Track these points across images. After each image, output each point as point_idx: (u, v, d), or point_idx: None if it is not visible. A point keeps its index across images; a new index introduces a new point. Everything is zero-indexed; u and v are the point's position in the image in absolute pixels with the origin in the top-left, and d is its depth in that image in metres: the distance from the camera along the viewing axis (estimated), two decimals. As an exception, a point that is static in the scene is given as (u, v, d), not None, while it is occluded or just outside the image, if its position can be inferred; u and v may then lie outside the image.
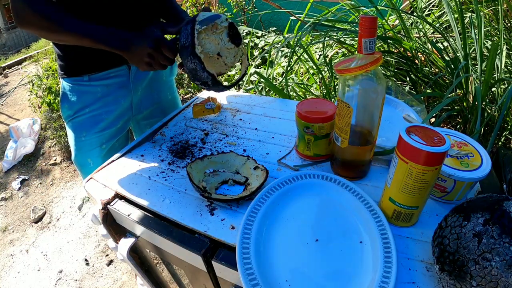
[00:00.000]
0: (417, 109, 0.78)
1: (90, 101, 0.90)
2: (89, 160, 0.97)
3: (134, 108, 1.00)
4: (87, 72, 0.87)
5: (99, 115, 0.92)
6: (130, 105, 0.99)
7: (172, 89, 1.12)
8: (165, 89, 1.08)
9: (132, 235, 0.71)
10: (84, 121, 0.92)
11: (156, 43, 0.69)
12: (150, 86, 1.02)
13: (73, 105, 0.90)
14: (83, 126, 0.92)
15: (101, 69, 0.88)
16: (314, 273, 0.49)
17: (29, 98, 3.36)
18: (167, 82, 1.08)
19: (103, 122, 0.93)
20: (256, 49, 3.08)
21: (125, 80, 0.93)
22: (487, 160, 0.56)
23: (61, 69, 0.88)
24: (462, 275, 0.39)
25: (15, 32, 9.23)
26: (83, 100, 0.90)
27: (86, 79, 0.87)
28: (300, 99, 1.44)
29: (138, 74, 0.96)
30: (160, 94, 1.06)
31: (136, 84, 0.96)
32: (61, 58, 0.87)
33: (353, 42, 1.53)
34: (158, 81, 1.04)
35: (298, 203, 0.60)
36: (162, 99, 1.07)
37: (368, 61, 0.51)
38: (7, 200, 2.54)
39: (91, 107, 0.91)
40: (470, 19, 1.16)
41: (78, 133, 0.93)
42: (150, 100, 1.03)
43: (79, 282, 1.76)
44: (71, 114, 0.91)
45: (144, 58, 0.71)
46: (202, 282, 0.65)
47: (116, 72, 0.90)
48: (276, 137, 0.82)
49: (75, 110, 0.90)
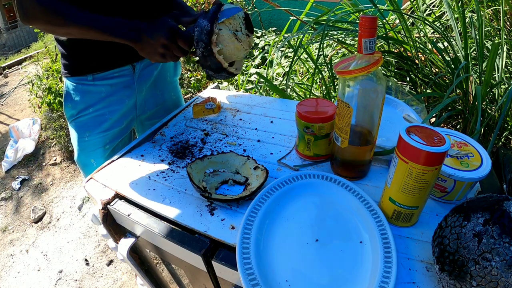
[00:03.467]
0: (417, 109, 0.78)
1: (94, 101, 0.90)
2: (92, 161, 0.96)
3: (138, 108, 1.00)
4: (91, 71, 0.86)
5: (103, 115, 0.92)
6: (134, 105, 0.98)
7: (176, 90, 1.12)
8: (170, 90, 1.07)
9: (132, 235, 0.71)
10: (88, 121, 0.91)
11: (172, 33, 0.67)
12: (155, 86, 1.02)
13: (77, 105, 0.89)
14: (86, 126, 0.92)
15: (105, 69, 0.87)
16: (314, 273, 0.49)
17: (29, 98, 3.36)
18: (172, 83, 1.08)
19: (106, 122, 0.93)
20: (256, 49, 3.08)
21: (129, 80, 0.93)
22: (487, 160, 0.56)
23: (65, 68, 0.87)
24: (462, 275, 0.39)
25: (15, 32, 9.23)
26: (87, 99, 0.89)
27: (90, 79, 0.87)
28: (300, 99, 1.44)
29: (143, 74, 0.95)
30: (165, 94, 1.06)
31: (140, 84, 0.96)
32: (65, 57, 0.86)
33: (353, 42, 1.53)
34: (162, 81, 1.03)
35: (298, 203, 0.60)
36: (166, 100, 1.07)
37: (369, 62, 0.51)
38: (7, 200, 2.54)
39: (95, 107, 0.90)
40: (471, 19, 1.16)
41: (81, 133, 0.93)
42: (154, 101, 1.03)
43: (79, 282, 1.76)
44: (75, 114, 0.91)
45: (159, 49, 0.69)
46: (202, 282, 0.65)
47: (120, 71, 0.90)
48: (276, 137, 0.82)
49: (79, 110, 0.90)
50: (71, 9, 0.69)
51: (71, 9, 0.69)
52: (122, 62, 0.88)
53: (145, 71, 0.95)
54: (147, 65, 0.96)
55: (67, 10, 0.68)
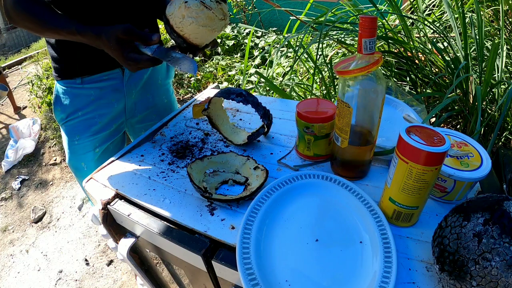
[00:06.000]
0: (417, 109, 0.78)
1: (82, 104, 0.89)
2: (83, 164, 0.96)
3: (128, 112, 0.99)
4: (80, 74, 0.86)
5: (92, 119, 0.92)
6: (124, 109, 0.98)
7: (168, 93, 1.10)
8: (161, 93, 1.06)
9: (132, 235, 0.71)
10: (77, 124, 0.91)
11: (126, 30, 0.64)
12: (145, 90, 1.01)
13: (66, 108, 0.89)
14: (76, 129, 0.92)
15: (94, 72, 0.87)
16: (314, 273, 0.49)
17: (29, 98, 3.36)
18: (163, 86, 1.07)
19: (96, 126, 0.93)
20: (256, 49, 3.08)
21: (118, 83, 0.92)
22: (487, 160, 0.56)
23: (55, 71, 0.88)
24: (462, 275, 0.39)
25: (15, 32, 9.23)
26: (76, 103, 0.89)
27: (78, 82, 0.87)
28: (300, 99, 1.44)
29: (132, 77, 0.95)
30: (155, 97, 1.04)
31: (130, 87, 0.95)
32: (54, 60, 0.86)
33: (353, 42, 1.53)
34: (153, 84, 1.02)
35: (298, 203, 0.60)
36: (157, 103, 1.05)
37: (368, 62, 0.51)
38: (7, 200, 2.54)
39: (83, 110, 0.90)
40: (471, 19, 1.16)
41: (71, 136, 0.93)
42: (144, 104, 1.02)
43: (79, 282, 1.76)
44: (64, 118, 0.91)
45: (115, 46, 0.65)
46: (202, 282, 0.65)
47: (109, 75, 0.89)
48: (276, 137, 0.82)
49: (68, 113, 0.90)
50: (47, 14, 0.69)
51: (47, 14, 0.69)
52: (111, 66, 0.88)
53: (135, 74, 0.95)
54: None
55: (43, 15, 0.69)
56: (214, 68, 2.93)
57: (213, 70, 2.91)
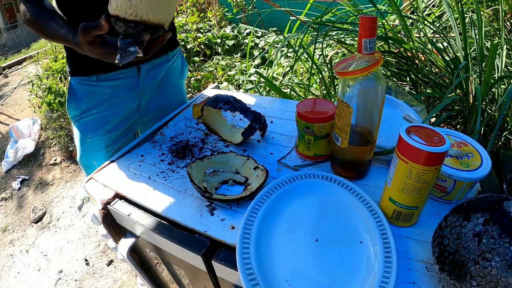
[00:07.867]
0: (417, 109, 0.78)
1: (97, 102, 0.89)
2: (94, 162, 0.96)
3: (141, 111, 0.99)
4: (95, 72, 0.86)
5: (106, 117, 0.92)
6: (138, 107, 0.98)
7: (182, 93, 1.11)
8: (174, 93, 1.06)
9: (132, 235, 0.71)
10: (91, 122, 0.91)
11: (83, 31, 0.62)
12: (159, 89, 1.01)
13: (80, 106, 0.89)
14: (89, 127, 0.92)
15: (110, 70, 0.87)
16: (314, 273, 0.49)
17: (29, 98, 3.36)
18: (177, 86, 1.07)
19: (109, 124, 0.93)
20: (256, 49, 3.08)
21: (134, 82, 0.92)
22: (487, 160, 0.56)
23: (70, 67, 0.88)
24: (462, 275, 0.39)
25: (15, 32, 9.23)
26: (90, 100, 0.89)
27: (94, 79, 0.87)
28: (300, 99, 1.44)
29: (148, 76, 0.95)
30: (169, 97, 1.05)
31: (145, 86, 0.95)
32: (70, 57, 0.86)
33: (353, 42, 1.53)
34: (168, 84, 1.02)
35: (298, 203, 0.60)
36: (170, 102, 1.06)
37: (369, 62, 0.51)
38: (7, 200, 2.54)
39: (98, 108, 0.90)
40: (471, 19, 1.16)
41: (84, 134, 0.92)
42: (158, 103, 1.02)
43: (79, 282, 1.76)
44: (78, 115, 0.90)
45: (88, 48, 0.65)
46: (202, 282, 0.65)
47: (125, 73, 0.89)
48: (276, 137, 0.82)
49: (82, 111, 0.90)
50: (49, 24, 0.70)
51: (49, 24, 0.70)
52: (126, 64, 0.88)
53: (150, 73, 0.95)
54: (153, 67, 0.95)
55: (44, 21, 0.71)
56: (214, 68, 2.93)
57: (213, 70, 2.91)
